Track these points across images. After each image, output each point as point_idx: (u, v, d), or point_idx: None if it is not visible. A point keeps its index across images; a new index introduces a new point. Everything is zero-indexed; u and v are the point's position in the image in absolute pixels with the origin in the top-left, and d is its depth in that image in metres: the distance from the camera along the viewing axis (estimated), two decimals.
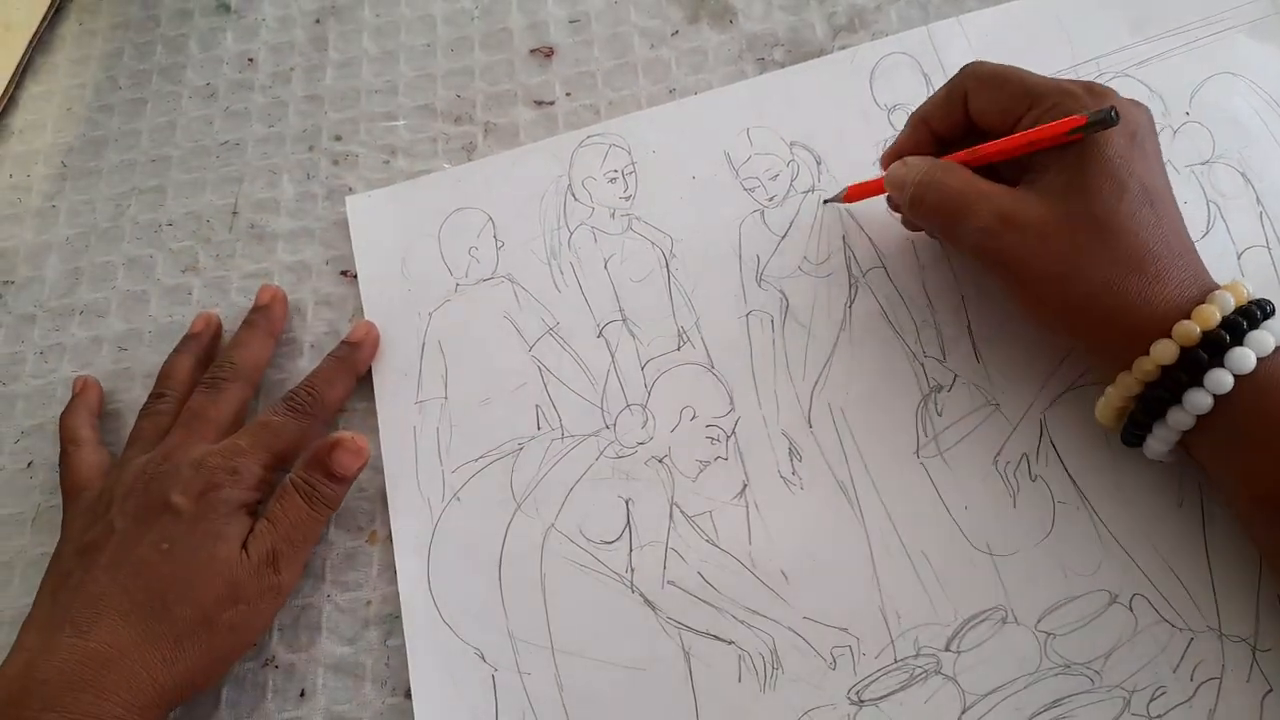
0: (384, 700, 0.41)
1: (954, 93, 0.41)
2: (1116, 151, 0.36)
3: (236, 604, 0.39)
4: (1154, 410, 0.35)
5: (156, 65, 0.59)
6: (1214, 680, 0.36)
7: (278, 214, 0.53)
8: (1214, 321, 0.34)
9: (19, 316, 0.52)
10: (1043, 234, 0.36)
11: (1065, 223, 0.36)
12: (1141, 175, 0.36)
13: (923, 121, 0.42)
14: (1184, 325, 0.34)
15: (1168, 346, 0.34)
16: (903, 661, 0.38)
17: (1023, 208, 0.37)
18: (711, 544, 0.41)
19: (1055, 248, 0.36)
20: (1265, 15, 0.48)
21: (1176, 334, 0.34)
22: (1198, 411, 0.34)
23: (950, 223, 0.38)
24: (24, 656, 0.37)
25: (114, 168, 0.56)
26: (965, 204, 0.38)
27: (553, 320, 0.47)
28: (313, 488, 0.42)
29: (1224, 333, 0.33)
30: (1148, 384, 0.35)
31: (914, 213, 0.40)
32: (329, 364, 0.46)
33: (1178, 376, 0.34)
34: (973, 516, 0.40)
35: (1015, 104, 0.38)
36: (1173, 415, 0.35)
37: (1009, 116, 0.39)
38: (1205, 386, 0.33)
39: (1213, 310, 0.34)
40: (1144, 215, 0.35)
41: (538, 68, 0.55)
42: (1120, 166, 0.36)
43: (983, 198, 0.37)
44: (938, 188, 0.39)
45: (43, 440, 0.49)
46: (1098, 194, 0.35)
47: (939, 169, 0.39)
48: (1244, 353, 0.33)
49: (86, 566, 0.39)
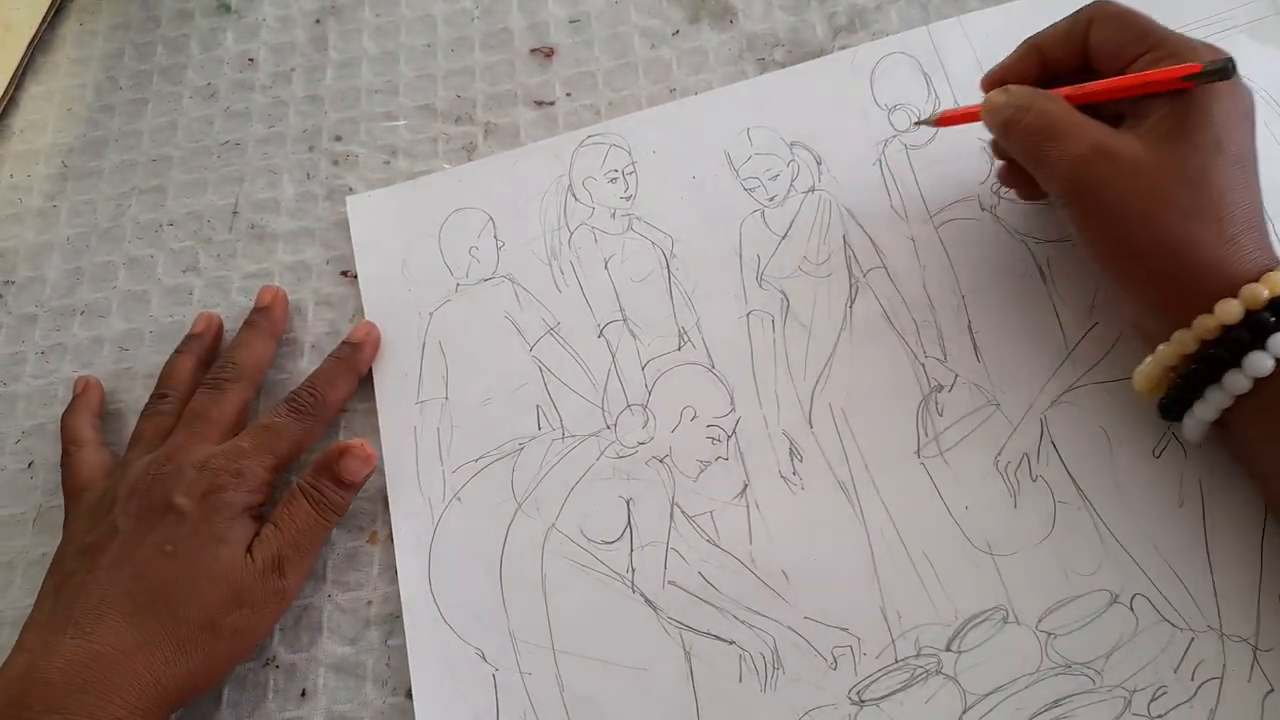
0: (385, 700, 0.41)
1: (1077, 24, 0.40)
2: (1222, 111, 0.36)
3: (240, 608, 0.39)
4: (1208, 374, 0.35)
5: (157, 65, 0.59)
6: (1215, 680, 0.36)
7: (278, 214, 0.53)
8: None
9: (20, 316, 0.52)
10: (1136, 171, 0.36)
11: (1159, 165, 0.35)
12: (1240, 143, 0.36)
13: (1034, 48, 0.41)
14: (1252, 288, 0.33)
15: (1233, 306, 0.34)
16: (903, 661, 0.38)
17: (1123, 144, 0.36)
18: (712, 544, 0.41)
19: (1145, 186, 0.35)
20: (1265, 16, 0.48)
21: (1244, 295, 0.34)
22: (1256, 375, 0.33)
23: (1042, 148, 0.38)
24: (26, 658, 0.37)
25: (115, 168, 0.56)
26: (1063, 130, 0.37)
27: (553, 320, 0.47)
28: (320, 493, 0.42)
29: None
30: (1205, 342, 0.35)
31: (1007, 135, 0.40)
32: (330, 364, 0.46)
33: (1240, 337, 0.33)
34: (973, 516, 0.40)
35: (1136, 44, 0.38)
36: (1230, 379, 0.34)
37: (1125, 56, 0.38)
38: (1268, 349, 0.33)
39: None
40: (1235, 178, 0.35)
41: (538, 68, 0.55)
42: (1222, 127, 0.36)
43: (1081, 128, 0.37)
44: (1037, 112, 0.38)
45: (44, 440, 0.49)
46: (1197, 146, 0.35)
47: (1040, 96, 0.39)
48: None
49: (89, 567, 0.39)
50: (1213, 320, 0.34)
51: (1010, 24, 0.49)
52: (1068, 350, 0.42)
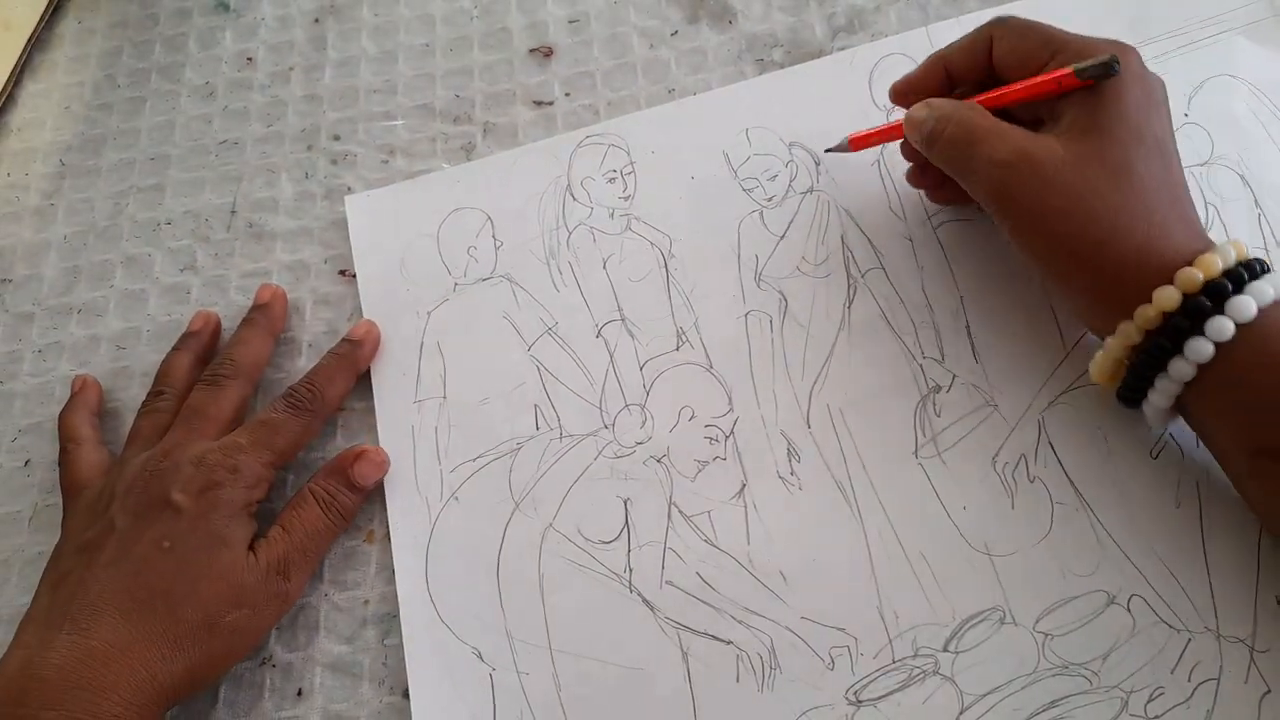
0: (381, 699, 0.41)
1: (979, 39, 0.41)
2: (1134, 102, 0.37)
3: (240, 607, 0.39)
4: (1155, 360, 0.35)
5: (155, 64, 0.59)
6: (1212, 681, 0.36)
7: (276, 213, 0.53)
8: (1216, 270, 0.34)
9: (17, 315, 0.52)
10: (1057, 171, 0.36)
11: (1080, 163, 0.36)
12: (1156, 131, 0.37)
13: (940, 61, 0.42)
14: (1187, 272, 0.34)
15: (1170, 293, 0.34)
16: (901, 662, 0.38)
17: (1042, 146, 0.37)
18: (710, 544, 0.41)
19: (1068, 186, 0.36)
20: (1263, 17, 0.48)
21: (1179, 280, 0.34)
22: (1199, 360, 0.34)
23: (966, 156, 0.39)
24: (22, 654, 0.37)
25: (113, 166, 0.56)
26: (982, 138, 0.38)
27: (551, 320, 0.47)
28: (332, 497, 0.42)
29: (1226, 281, 0.34)
30: (1149, 331, 0.35)
31: (930, 147, 0.40)
32: (330, 361, 0.46)
33: (1180, 323, 0.34)
34: (971, 517, 0.40)
35: (1038, 52, 0.39)
36: (1174, 365, 0.35)
37: (1031, 65, 0.39)
38: (1206, 334, 0.34)
39: (1215, 259, 0.34)
40: (1155, 166, 0.36)
41: (537, 68, 0.55)
42: (1137, 118, 0.36)
43: (1002, 134, 0.38)
44: (958, 121, 0.39)
45: (40, 438, 0.49)
46: (1114, 139, 0.36)
47: (961, 107, 0.40)
48: (1245, 300, 0.34)
49: (86, 564, 0.39)
50: (1152, 309, 0.35)
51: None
52: (1065, 351, 0.42)
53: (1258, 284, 0.34)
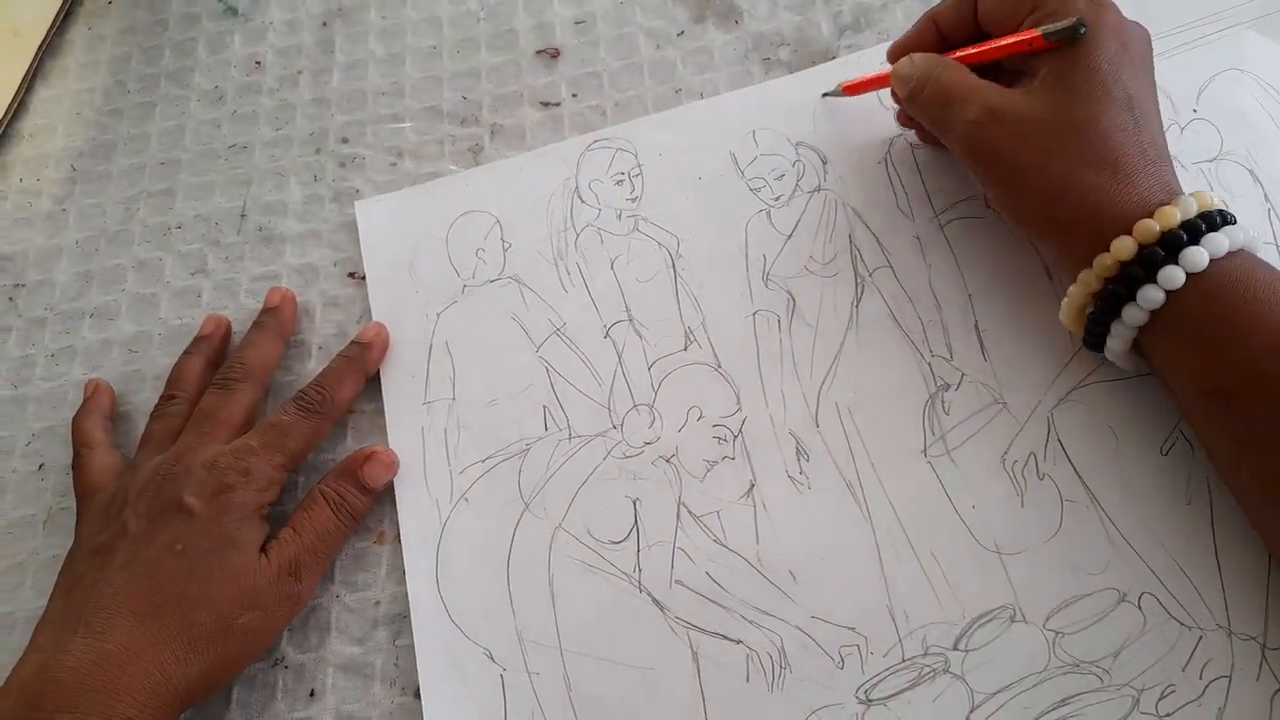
0: (393, 700, 0.41)
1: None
2: (1106, 58, 0.38)
3: (253, 609, 0.40)
4: (1112, 307, 0.37)
5: (165, 69, 0.59)
6: (1223, 679, 0.36)
7: (286, 217, 0.53)
8: (1174, 222, 0.36)
9: (30, 320, 0.53)
10: (1024, 128, 0.38)
11: (1045, 120, 0.38)
12: (1127, 84, 0.38)
13: (931, 21, 0.44)
14: (1144, 224, 0.36)
15: (1127, 243, 0.36)
16: (911, 660, 0.38)
17: (1010, 103, 0.39)
18: (719, 544, 0.41)
19: (1033, 142, 0.38)
20: (1272, 11, 0.48)
21: (1136, 232, 0.36)
22: (1150, 307, 0.36)
23: (943, 114, 0.41)
24: (38, 658, 0.38)
25: (123, 171, 0.56)
26: (958, 96, 0.40)
27: (560, 321, 0.47)
28: (342, 498, 0.43)
29: (1182, 233, 0.35)
30: (1107, 279, 0.37)
31: (911, 104, 0.43)
32: (339, 363, 0.46)
33: (1134, 272, 0.36)
34: (980, 515, 0.40)
35: (1018, 8, 0.41)
36: (1128, 312, 0.36)
37: (1012, 20, 0.41)
38: (1158, 282, 0.35)
39: (1173, 212, 0.36)
40: (1123, 120, 0.37)
41: (544, 69, 0.55)
42: (1108, 74, 0.38)
43: (975, 92, 0.40)
44: (935, 82, 0.41)
45: (54, 442, 0.49)
46: (1081, 97, 0.38)
47: (939, 65, 0.42)
48: (1198, 252, 0.35)
49: (100, 567, 0.40)
50: (1110, 258, 0.36)
51: None
52: (1074, 349, 0.42)
53: (1214, 236, 0.35)
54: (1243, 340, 0.34)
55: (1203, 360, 0.35)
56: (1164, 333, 0.36)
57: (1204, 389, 0.36)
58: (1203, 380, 0.36)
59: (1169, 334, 0.36)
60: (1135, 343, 0.37)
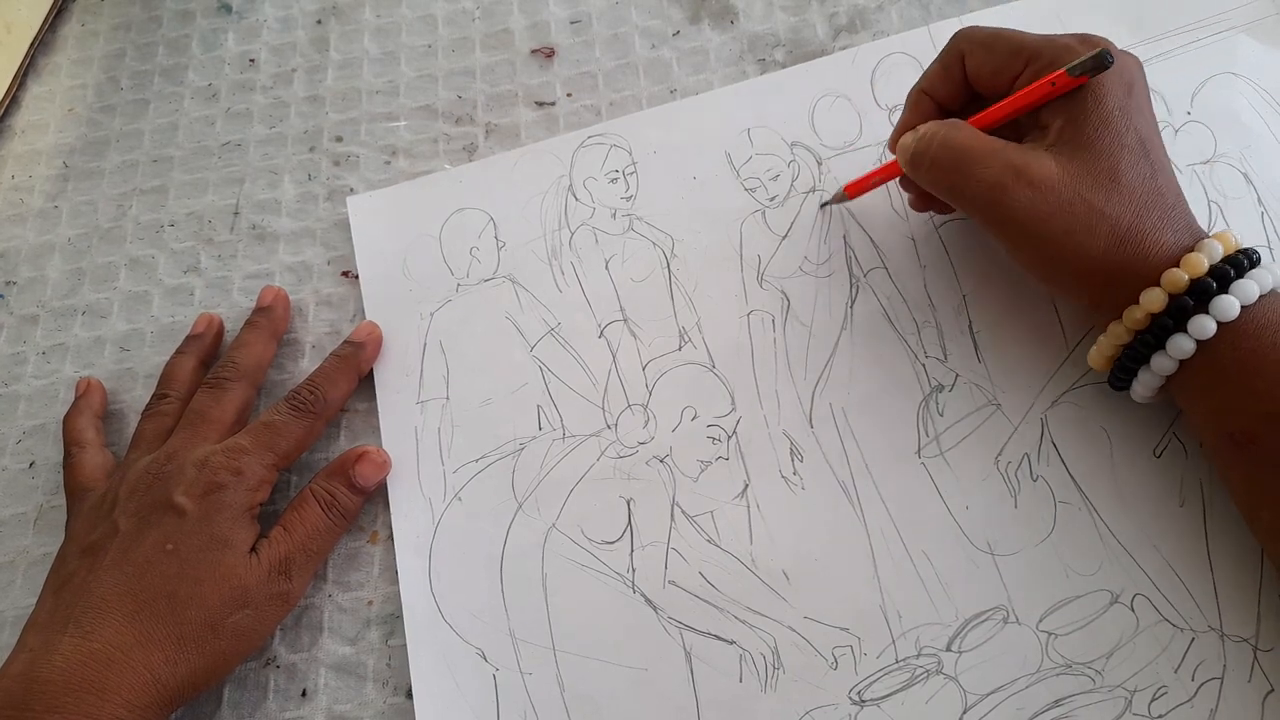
0: (385, 700, 0.41)
1: (950, 59, 0.41)
2: (1116, 104, 0.37)
3: (244, 608, 0.39)
4: (1140, 356, 0.36)
5: (158, 66, 0.59)
6: (1215, 680, 0.36)
7: (279, 215, 0.53)
8: (1202, 269, 0.35)
9: (21, 317, 0.52)
10: (1053, 189, 0.36)
11: (1073, 178, 0.36)
12: (1138, 127, 0.37)
13: (923, 95, 0.42)
14: (1173, 273, 0.35)
15: (1157, 295, 0.35)
16: (904, 661, 0.38)
17: (1034, 162, 0.36)
18: (713, 544, 0.41)
19: (1065, 204, 0.36)
20: (1266, 15, 0.48)
21: (1165, 282, 0.35)
22: (1180, 356, 0.35)
23: (956, 175, 0.38)
24: (26, 657, 0.37)
25: (116, 168, 0.56)
26: (973, 157, 0.37)
27: (554, 320, 0.47)
28: (333, 497, 0.42)
29: (1211, 280, 0.34)
30: (1137, 332, 0.36)
31: (916, 169, 0.40)
32: (332, 363, 0.46)
33: (1164, 323, 0.35)
34: (974, 516, 0.40)
35: (1011, 62, 0.39)
36: (1156, 360, 0.36)
37: (1005, 76, 0.39)
38: (1189, 332, 0.35)
39: (1200, 259, 0.35)
40: (1142, 168, 0.36)
41: (539, 68, 0.55)
42: (1120, 121, 0.36)
43: (990, 151, 0.37)
44: (942, 141, 0.38)
45: (45, 440, 0.49)
46: (1101, 149, 0.36)
47: (944, 125, 0.39)
48: (1229, 300, 0.34)
49: (90, 567, 0.39)
50: (1140, 311, 0.35)
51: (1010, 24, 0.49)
52: (1068, 350, 0.42)
53: (1242, 282, 0.34)
54: (1269, 385, 0.34)
55: (1228, 402, 0.35)
56: (1191, 377, 0.36)
57: (1228, 430, 0.35)
58: (1227, 422, 0.35)
59: (1195, 378, 0.36)
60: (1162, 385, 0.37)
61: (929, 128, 0.39)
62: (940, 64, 0.41)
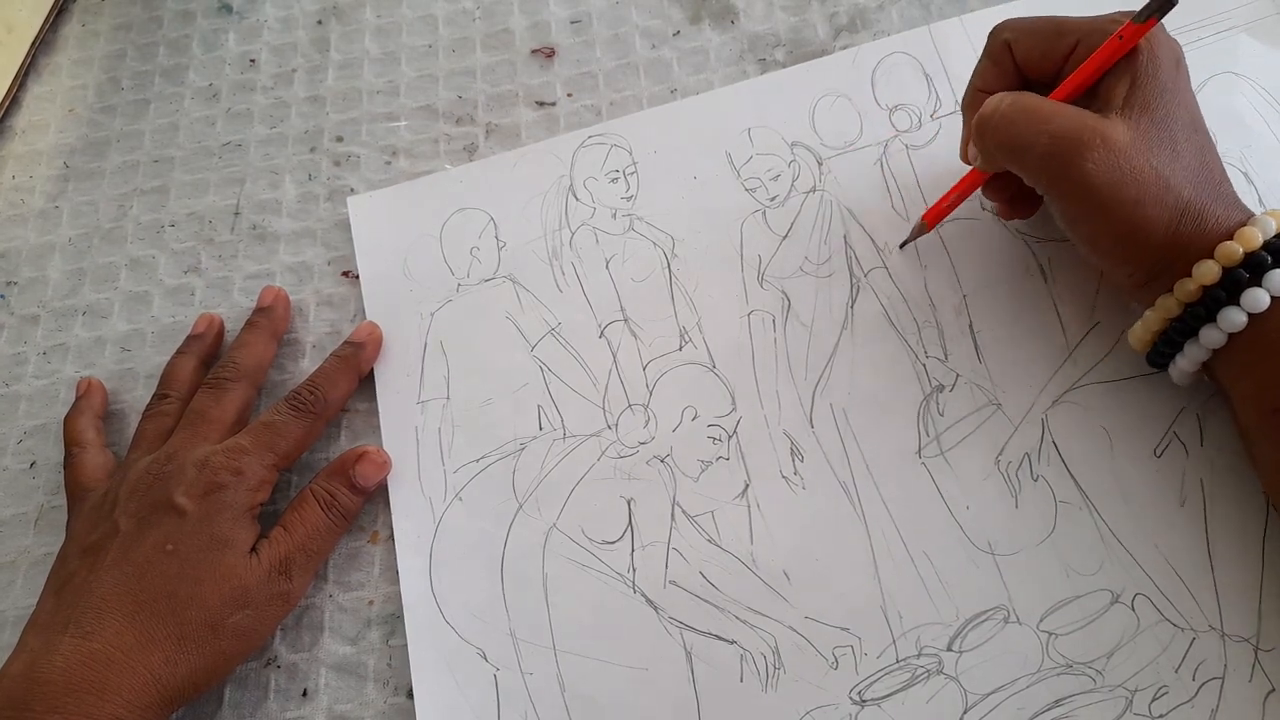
0: (386, 700, 0.41)
1: (997, 51, 0.41)
2: (1169, 76, 0.36)
3: (244, 608, 0.39)
4: (1188, 330, 0.36)
5: (159, 66, 0.59)
6: (1216, 680, 0.36)
7: (279, 215, 0.53)
8: (1256, 244, 0.34)
9: (22, 317, 0.52)
10: (1128, 155, 0.35)
11: (1144, 146, 0.35)
12: (1187, 100, 0.37)
13: (979, 94, 0.41)
14: (1227, 246, 0.34)
15: (1210, 267, 0.35)
16: (905, 661, 0.38)
17: (1109, 126, 0.36)
18: (713, 544, 0.41)
19: (1138, 171, 0.35)
20: (1266, 15, 0.48)
21: (1219, 255, 0.34)
22: (1231, 330, 0.35)
23: (1029, 133, 0.37)
24: (27, 657, 0.37)
25: (116, 169, 0.56)
26: (1045, 113, 0.37)
27: (554, 320, 0.47)
28: (333, 497, 0.42)
29: (1266, 254, 0.34)
30: (1187, 305, 0.36)
31: (982, 132, 0.38)
32: (332, 363, 0.46)
33: (1217, 295, 0.35)
34: (974, 516, 0.40)
35: (1059, 43, 0.39)
36: (1206, 333, 0.35)
37: (1055, 57, 0.39)
38: (1242, 305, 0.34)
39: (1255, 232, 0.34)
40: (1196, 141, 0.36)
41: (539, 68, 0.55)
42: (1173, 91, 0.36)
43: (1064, 110, 0.37)
44: (1013, 100, 0.38)
45: (46, 441, 0.49)
46: (1162, 117, 0.36)
47: (1011, 94, 0.38)
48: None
49: (90, 567, 0.40)
50: (1192, 283, 0.35)
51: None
52: (1069, 350, 0.42)
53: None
54: None
55: (1268, 377, 0.35)
56: (1239, 352, 0.35)
57: (1269, 407, 0.35)
58: (1268, 398, 0.35)
59: (1243, 353, 0.35)
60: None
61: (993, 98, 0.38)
62: (988, 59, 0.41)
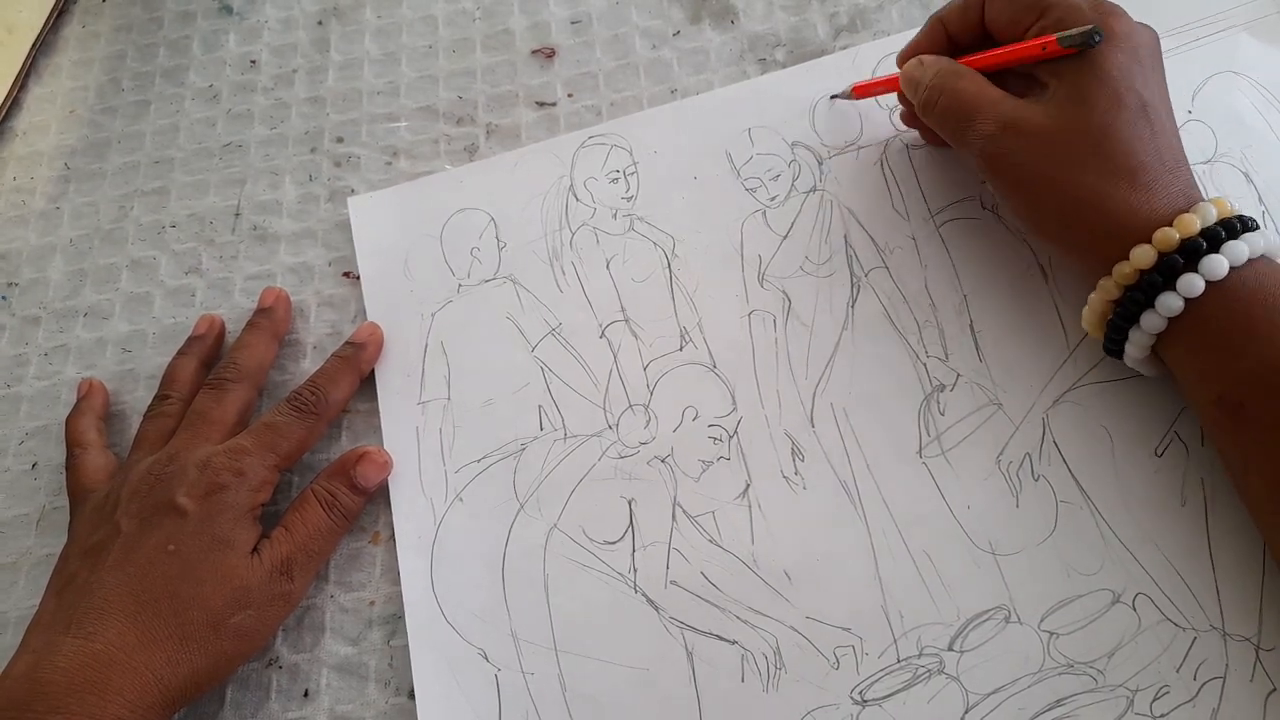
0: (387, 700, 0.41)
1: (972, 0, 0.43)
2: (1117, 66, 0.38)
3: (245, 609, 0.39)
4: (1131, 314, 0.37)
5: (159, 67, 0.59)
6: (1217, 680, 0.36)
7: (280, 216, 0.53)
8: (1194, 230, 0.35)
9: (23, 318, 0.52)
10: (1042, 141, 0.38)
11: (1063, 133, 0.38)
12: (1140, 90, 0.38)
13: (940, 23, 0.44)
14: (1164, 231, 0.35)
15: (1147, 252, 0.36)
16: (906, 661, 0.38)
17: (1026, 116, 0.39)
18: (714, 544, 0.41)
19: (1053, 155, 0.38)
20: (1266, 14, 0.48)
21: (1156, 240, 0.36)
22: (1169, 314, 0.36)
23: (959, 126, 0.41)
24: (29, 658, 0.37)
25: (117, 170, 0.56)
26: (974, 109, 0.40)
27: (555, 321, 0.47)
28: (334, 497, 0.42)
29: (1202, 240, 0.35)
30: (1126, 288, 0.37)
31: (926, 114, 0.42)
32: (333, 364, 0.46)
33: (1154, 279, 0.36)
34: (975, 516, 0.40)
35: (1026, 15, 0.40)
36: (1146, 319, 0.36)
37: (1019, 26, 0.41)
38: (1177, 290, 0.35)
39: (1193, 219, 0.35)
40: (1139, 128, 0.37)
41: (539, 69, 0.55)
42: (1120, 81, 0.38)
43: (990, 104, 0.40)
44: (950, 93, 0.41)
45: (47, 441, 0.49)
46: (1095, 106, 0.37)
47: (951, 73, 0.41)
48: (1217, 260, 0.35)
49: (92, 568, 0.40)
50: (1129, 266, 0.36)
51: None
52: (1070, 349, 0.42)
53: (1234, 243, 0.35)
54: (1257, 347, 0.34)
55: (1217, 365, 0.35)
56: (1181, 338, 0.36)
57: (1216, 395, 0.35)
58: (1215, 386, 0.35)
59: (1185, 340, 0.36)
60: (1154, 349, 0.37)
61: (938, 72, 0.42)
62: (964, 1, 0.43)
